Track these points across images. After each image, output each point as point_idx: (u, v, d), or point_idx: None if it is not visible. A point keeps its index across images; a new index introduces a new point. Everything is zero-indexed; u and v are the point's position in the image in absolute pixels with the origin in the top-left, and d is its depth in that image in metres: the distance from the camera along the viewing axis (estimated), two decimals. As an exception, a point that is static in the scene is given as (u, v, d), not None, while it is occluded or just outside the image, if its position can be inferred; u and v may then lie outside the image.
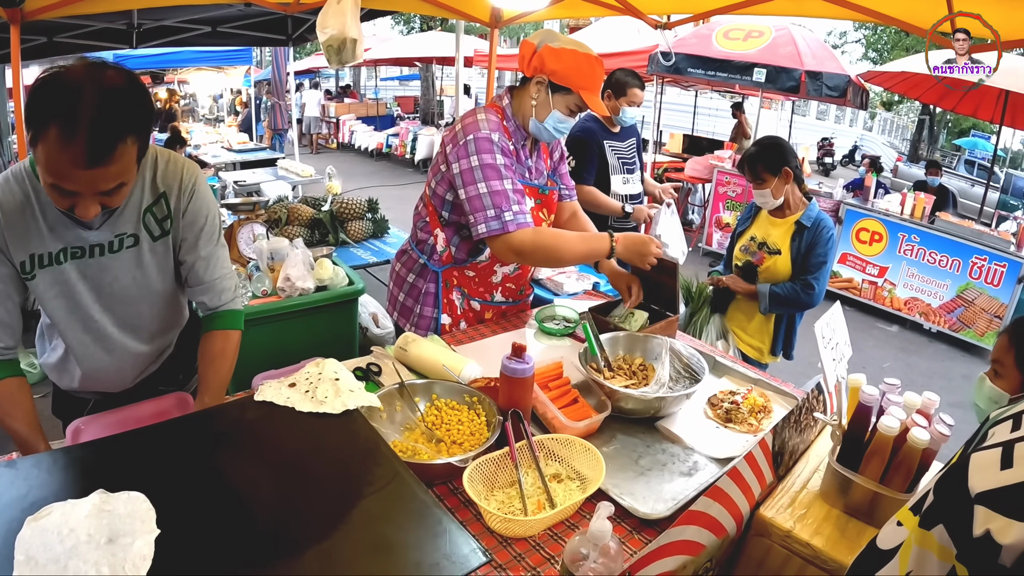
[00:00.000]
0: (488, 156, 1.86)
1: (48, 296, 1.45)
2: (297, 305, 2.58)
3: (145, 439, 1.18)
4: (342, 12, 2.61)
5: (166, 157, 1.50)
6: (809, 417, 1.52)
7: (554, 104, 1.94)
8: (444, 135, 2.03)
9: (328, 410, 1.22)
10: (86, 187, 1.20)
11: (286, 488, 1.02)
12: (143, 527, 0.89)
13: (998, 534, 0.60)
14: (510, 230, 1.86)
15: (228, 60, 10.25)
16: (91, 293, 1.48)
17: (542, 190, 2.12)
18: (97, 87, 1.15)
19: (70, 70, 1.16)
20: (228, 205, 4.43)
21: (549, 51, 1.88)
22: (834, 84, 6.40)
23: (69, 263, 1.42)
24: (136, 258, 1.50)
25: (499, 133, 1.91)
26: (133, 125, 1.20)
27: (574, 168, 3.30)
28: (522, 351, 1.45)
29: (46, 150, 1.14)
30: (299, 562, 0.86)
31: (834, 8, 2.82)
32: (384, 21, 22.92)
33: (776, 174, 2.49)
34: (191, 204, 1.52)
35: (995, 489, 0.64)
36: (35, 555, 0.84)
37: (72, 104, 1.12)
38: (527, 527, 1.21)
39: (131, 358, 1.63)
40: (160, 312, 1.63)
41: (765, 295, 2.57)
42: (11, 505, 0.93)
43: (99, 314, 1.51)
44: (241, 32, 6.19)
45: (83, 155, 1.13)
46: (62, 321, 1.50)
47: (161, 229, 1.50)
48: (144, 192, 1.46)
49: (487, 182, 1.86)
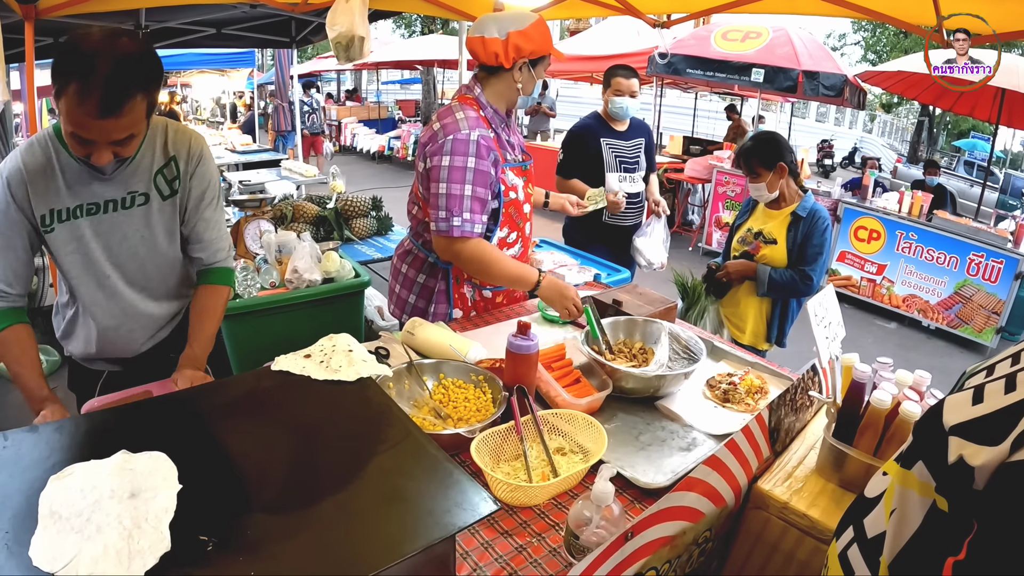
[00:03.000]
0: (460, 159, 1.93)
1: (65, 251, 1.60)
2: (304, 296, 2.63)
3: (164, 406, 1.24)
4: (350, 11, 2.67)
5: (175, 127, 1.69)
6: (804, 397, 1.56)
7: (536, 75, 2.07)
8: (421, 135, 2.10)
9: (342, 378, 1.27)
10: (100, 136, 1.39)
11: (302, 447, 1.08)
12: (165, 483, 0.93)
13: (970, 458, 0.65)
14: (454, 235, 1.96)
15: (231, 62, 10.33)
16: (103, 250, 1.63)
17: (524, 166, 2.19)
18: (111, 50, 1.33)
19: (90, 35, 1.34)
20: (235, 202, 4.50)
21: (519, 35, 1.96)
22: (831, 84, 6.46)
23: (84, 219, 1.58)
24: (145, 216, 1.65)
25: (479, 129, 1.97)
26: (142, 84, 1.39)
27: (560, 162, 3.40)
28: (527, 328, 1.51)
29: (67, 102, 1.32)
30: (317, 510, 0.90)
31: (828, 6, 2.88)
32: (385, 25, 23.03)
33: (771, 168, 2.55)
34: (198, 168, 1.71)
35: (966, 421, 0.68)
36: (59, 510, 0.88)
37: (90, 63, 1.30)
38: (532, 495, 1.26)
39: (142, 318, 1.76)
40: (165, 274, 1.77)
41: (764, 278, 2.62)
42: (34, 466, 0.98)
43: (110, 270, 1.66)
44: (245, 34, 6.25)
45: (97, 107, 1.32)
46: (77, 276, 1.64)
47: (170, 189, 1.67)
48: (156, 155, 1.63)
49: (448, 183, 1.94)
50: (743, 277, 2.73)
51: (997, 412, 0.67)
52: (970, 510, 0.66)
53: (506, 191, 2.08)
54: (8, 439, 1.04)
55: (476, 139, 1.94)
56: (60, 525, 0.85)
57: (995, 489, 0.63)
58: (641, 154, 3.49)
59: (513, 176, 2.11)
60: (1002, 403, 0.67)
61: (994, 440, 0.64)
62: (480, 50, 2.00)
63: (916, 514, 0.74)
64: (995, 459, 0.63)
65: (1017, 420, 0.63)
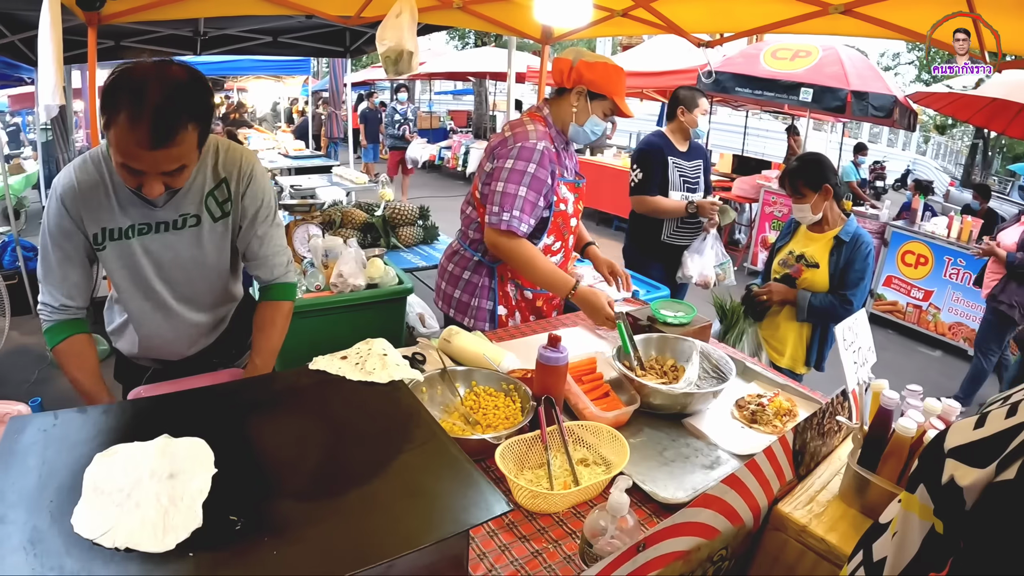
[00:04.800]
0: (523, 163, 2.10)
1: (115, 267, 1.63)
2: (348, 300, 2.71)
3: (207, 396, 1.32)
4: (400, 26, 2.77)
5: (226, 146, 1.68)
6: (832, 421, 1.56)
7: (592, 110, 2.18)
8: (491, 140, 2.24)
9: (375, 380, 1.34)
10: (150, 167, 1.37)
11: (332, 441, 1.14)
12: (202, 466, 1.00)
13: (959, 479, 0.66)
14: (501, 228, 2.11)
15: (287, 69, 10.59)
16: (153, 267, 1.65)
17: (577, 184, 2.34)
18: (161, 80, 1.32)
19: (140, 65, 1.34)
20: (285, 206, 4.63)
21: (584, 64, 2.12)
22: (880, 104, 6.28)
23: (136, 239, 1.60)
24: (196, 237, 1.66)
25: (546, 141, 2.13)
26: (193, 114, 1.38)
27: (640, 181, 3.41)
28: (557, 341, 1.55)
29: (117, 133, 1.32)
30: (341, 500, 0.96)
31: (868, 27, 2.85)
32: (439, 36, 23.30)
33: (816, 190, 2.54)
34: (249, 188, 1.70)
35: (964, 444, 0.70)
36: (102, 485, 0.95)
37: (140, 94, 1.29)
38: (552, 502, 1.29)
39: (186, 327, 1.79)
40: (213, 287, 1.79)
41: (804, 304, 2.60)
42: (81, 444, 1.06)
43: (159, 285, 1.69)
44: (300, 43, 6.41)
45: (147, 138, 1.31)
46: (126, 290, 1.68)
47: (222, 211, 1.68)
48: (207, 177, 1.63)
49: (507, 183, 2.11)
50: (784, 301, 2.71)
51: (993, 436, 0.68)
52: (960, 531, 0.68)
53: (557, 202, 2.23)
54: (59, 418, 1.13)
55: (542, 149, 2.12)
56: (102, 498, 0.93)
57: (980, 508, 0.65)
58: (701, 174, 3.56)
59: (566, 190, 2.26)
60: (1000, 427, 0.68)
61: (983, 463, 0.66)
62: (555, 68, 2.21)
63: (915, 538, 0.75)
64: (982, 480, 0.65)
65: (1007, 443, 0.65)
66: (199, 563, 0.83)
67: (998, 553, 0.63)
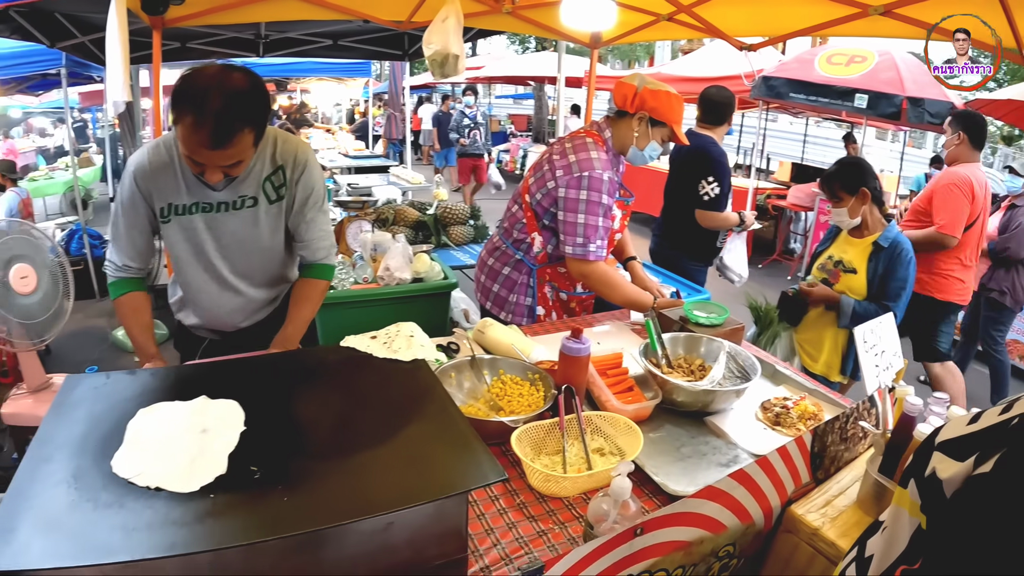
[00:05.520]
0: (596, 194, 2.20)
1: (177, 239, 1.83)
2: (393, 293, 2.81)
3: (245, 365, 1.46)
4: (446, 30, 2.85)
5: (284, 137, 1.87)
6: (856, 427, 1.54)
7: (652, 136, 2.26)
8: (553, 153, 2.32)
9: (399, 358, 1.45)
10: (210, 162, 1.58)
11: (350, 409, 1.26)
12: (232, 424, 1.12)
13: (940, 472, 0.67)
14: (590, 259, 2.23)
15: (348, 72, 10.79)
16: (212, 242, 1.84)
17: (627, 202, 2.43)
18: (223, 87, 1.50)
19: (206, 71, 1.52)
20: (340, 203, 4.80)
21: (648, 92, 2.20)
22: (936, 111, 6.00)
23: (198, 215, 1.80)
24: (253, 217, 1.84)
25: (609, 172, 2.22)
26: (249, 119, 1.56)
27: (716, 196, 3.37)
28: (579, 333, 1.60)
29: (182, 131, 1.52)
30: (351, 460, 1.07)
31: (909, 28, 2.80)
32: (499, 40, 23.53)
33: (853, 193, 2.50)
34: (303, 177, 1.87)
35: (952, 438, 0.70)
36: (141, 435, 1.08)
37: (202, 98, 1.47)
38: (563, 486, 1.33)
39: (241, 301, 1.96)
40: (266, 265, 1.96)
41: (847, 311, 2.57)
42: (128, 401, 1.19)
43: (218, 260, 1.87)
44: (360, 46, 6.56)
45: (208, 140, 1.50)
46: (187, 262, 1.87)
47: (277, 195, 1.86)
48: (265, 164, 1.82)
49: (587, 215, 2.21)
50: (823, 302, 2.67)
51: (982, 430, 0.68)
52: (939, 525, 0.68)
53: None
54: (110, 378, 1.28)
55: (607, 179, 2.22)
56: (140, 447, 1.05)
57: (955, 501, 0.65)
58: None
59: (615, 208, 2.35)
60: (991, 422, 0.68)
61: (965, 456, 0.66)
62: (618, 91, 2.29)
63: (904, 535, 0.75)
64: (961, 473, 0.65)
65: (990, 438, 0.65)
66: (218, 502, 0.94)
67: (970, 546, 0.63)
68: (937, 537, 0.68)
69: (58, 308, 2.80)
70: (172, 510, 0.92)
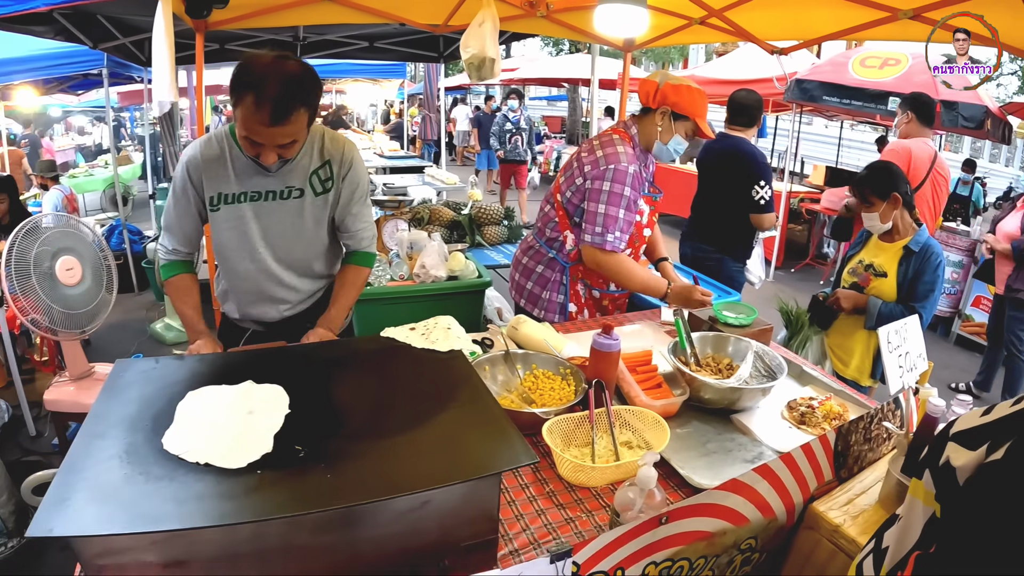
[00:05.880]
0: (619, 186, 2.25)
1: (225, 227, 1.93)
2: (429, 290, 2.89)
3: (289, 353, 1.55)
4: (482, 34, 2.92)
5: (331, 134, 1.98)
6: (880, 428, 1.56)
7: (675, 129, 2.29)
8: (582, 152, 2.38)
9: (437, 348, 1.53)
10: (268, 139, 1.68)
11: (389, 395, 1.33)
12: (277, 407, 1.19)
13: (954, 460, 0.70)
14: (606, 248, 2.27)
15: (383, 73, 10.89)
16: (259, 231, 1.94)
17: (655, 198, 2.46)
18: (279, 70, 1.61)
19: (262, 58, 1.64)
20: (376, 202, 4.90)
21: (670, 87, 2.23)
22: (970, 115, 5.91)
23: (247, 204, 1.90)
24: (299, 208, 1.94)
25: (635, 165, 2.26)
26: (304, 99, 1.67)
27: (769, 199, 3.42)
28: (610, 329, 1.65)
29: (243, 111, 1.62)
30: (388, 442, 1.13)
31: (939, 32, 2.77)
32: (534, 42, 23.50)
33: (884, 198, 2.50)
34: (349, 172, 1.98)
35: (965, 429, 0.73)
36: (191, 416, 1.15)
37: (261, 80, 1.58)
38: (592, 476, 1.38)
39: (284, 290, 2.05)
40: (309, 255, 2.05)
41: (873, 312, 2.57)
42: (178, 383, 1.27)
43: (263, 248, 1.96)
44: (396, 48, 6.65)
45: (268, 116, 1.61)
46: (234, 249, 1.96)
47: (323, 188, 1.96)
48: (313, 157, 1.92)
49: (608, 205, 2.25)
50: (853, 307, 2.68)
51: (995, 421, 0.71)
52: (952, 512, 0.71)
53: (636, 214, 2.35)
54: (159, 363, 1.37)
55: (632, 172, 2.26)
56: (190, 425, 1.12)
57: (968, 488, 0.68)
58: None
59: (643, 203, 2.39)
60: (1004, 413, 0.71)
61: (977, 445, 0.69)
62: (641, 88, 2.34)
63: (918, 524, 0.78)
64: (973, 461, 0.68)
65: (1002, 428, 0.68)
66: (263, 478, 1.00)
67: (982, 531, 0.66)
68: (950, 523, 0.71)
69: (101, 300, 2.95)
70: (221, 484, 0.98)
